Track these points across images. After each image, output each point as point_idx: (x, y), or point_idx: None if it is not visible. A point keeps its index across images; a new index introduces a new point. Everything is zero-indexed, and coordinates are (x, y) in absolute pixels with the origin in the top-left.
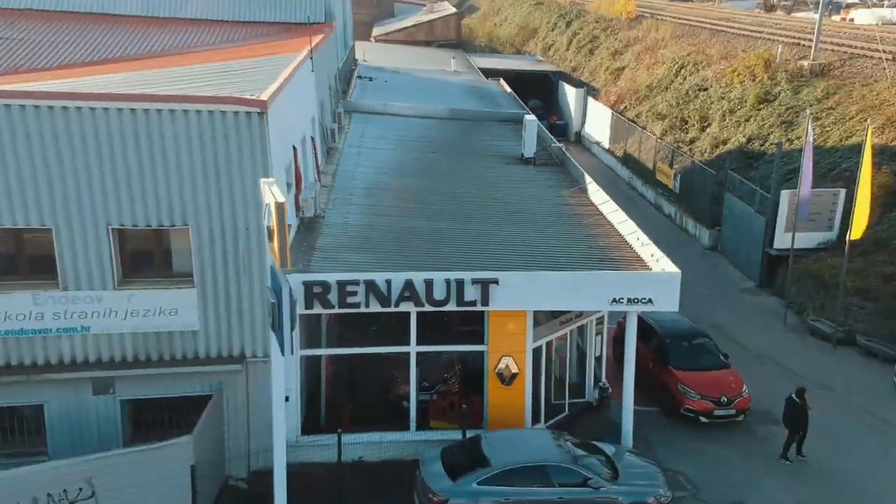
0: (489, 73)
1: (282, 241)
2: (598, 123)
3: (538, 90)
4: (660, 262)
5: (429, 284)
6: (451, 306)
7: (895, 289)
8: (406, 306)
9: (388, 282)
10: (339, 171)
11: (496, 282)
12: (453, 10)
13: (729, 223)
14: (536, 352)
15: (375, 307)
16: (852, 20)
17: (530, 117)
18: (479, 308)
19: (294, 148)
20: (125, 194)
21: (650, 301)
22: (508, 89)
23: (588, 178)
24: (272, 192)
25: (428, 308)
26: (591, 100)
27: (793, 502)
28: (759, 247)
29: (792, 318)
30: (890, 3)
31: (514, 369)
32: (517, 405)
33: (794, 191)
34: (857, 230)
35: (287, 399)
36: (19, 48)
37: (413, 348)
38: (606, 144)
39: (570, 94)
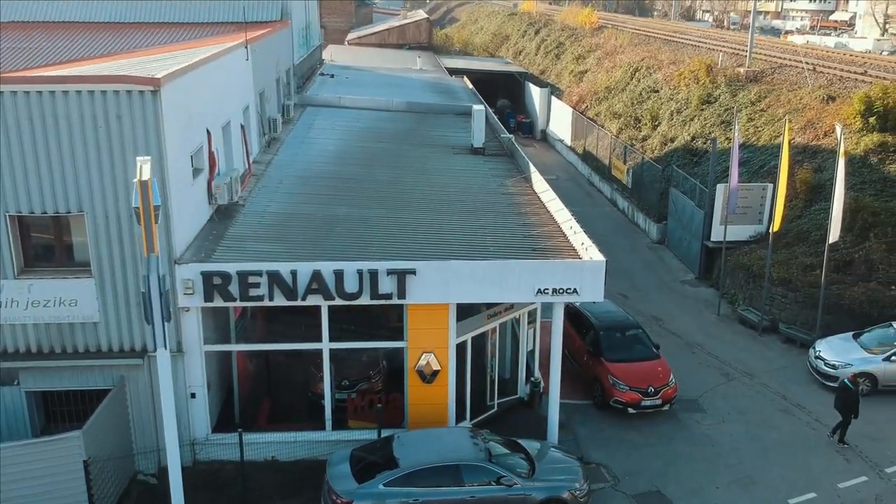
0: (458, 72)
1: (147, 223)
2: (561, 122)
3: (507, 90)
4: (588, 250)
5: (339, 276)
6: (365, 300)
7: (814, 279)
8: (315, 300)
9: (294, 273)
10: (276, 159)
11: (413, 272)
12: (425, 15)
13: (673, 217)
14: (461, 347)
15: (281, 301)
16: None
17: (478, 107)
18: (395, 301)
19: (208, 132)
20: (21, 180)
21: (575, 291)
22: (470, 86)
23: (532, 168)
24: (140, 171)
25: (339, 302)
26: (554, 99)
27: (711, 488)
28: (699, 239)
29: (724, 308)
30: (820, 32)
31: (436, 366)
32: (439, 403)
33: (727, 184)
34: (777, 222)
35: (193, 396)
36: (13, 56)
37: (325, 345)
38: (569, 142)
39: (536, 93)
